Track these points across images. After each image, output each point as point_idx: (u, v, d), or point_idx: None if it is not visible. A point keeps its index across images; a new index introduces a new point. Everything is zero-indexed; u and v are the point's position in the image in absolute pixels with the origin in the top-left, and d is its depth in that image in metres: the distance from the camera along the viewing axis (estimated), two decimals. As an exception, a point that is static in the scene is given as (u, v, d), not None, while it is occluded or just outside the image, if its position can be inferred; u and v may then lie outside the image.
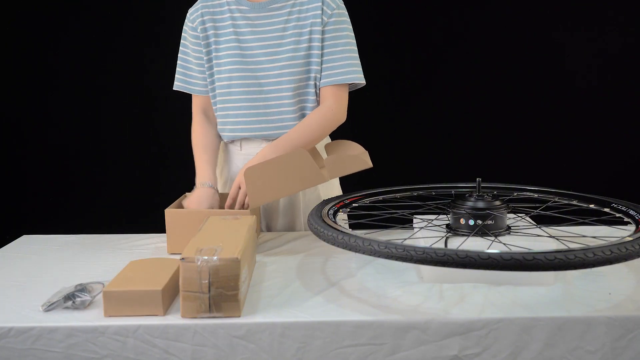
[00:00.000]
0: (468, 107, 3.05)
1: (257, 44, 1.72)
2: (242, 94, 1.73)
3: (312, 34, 1.71)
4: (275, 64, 1.71)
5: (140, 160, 3.09)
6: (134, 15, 3.00)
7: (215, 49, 1.76)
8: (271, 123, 1.74)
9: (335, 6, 1.72)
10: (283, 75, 1.71)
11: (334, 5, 1.72)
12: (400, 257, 1.11)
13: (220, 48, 1.75)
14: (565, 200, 1.56)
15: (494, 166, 2.66)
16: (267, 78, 1.72)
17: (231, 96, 1.75)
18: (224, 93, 1.76)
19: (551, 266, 1.04)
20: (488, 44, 3.02)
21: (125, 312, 1.17)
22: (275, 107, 1.73)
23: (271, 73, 1.71)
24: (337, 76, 1.72)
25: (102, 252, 1.60)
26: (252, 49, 1.72)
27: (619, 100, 3.04)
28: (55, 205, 3.14)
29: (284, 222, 1.85)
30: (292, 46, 1.71)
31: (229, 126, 1.78)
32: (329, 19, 1.71)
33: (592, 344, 1.14)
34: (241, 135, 1.77)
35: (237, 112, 1.75)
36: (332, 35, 1.72)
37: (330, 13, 1.71)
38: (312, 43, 1.71)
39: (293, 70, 1.71)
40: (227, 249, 1.18)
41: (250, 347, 1.15)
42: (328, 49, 1.72)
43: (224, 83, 1.75)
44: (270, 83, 1.72)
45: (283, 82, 1.71)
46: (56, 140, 3.11)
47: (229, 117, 1.77)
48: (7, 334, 1.14)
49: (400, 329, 1.14)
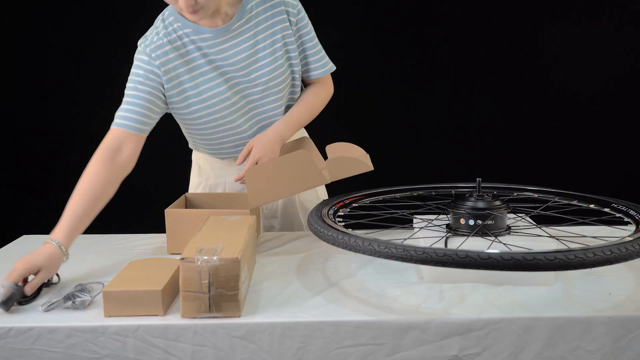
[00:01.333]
0: (468, 107, 3.05)
1: (233, 68, 1.64)
2: (237, 119, 1.68)
3: (285, 38, 1.68)
4: (258, 81, 1.66)
5: (140, 160, 3.09)
6: (131, 14, 3.00)
7: (194, 85, 1.62)
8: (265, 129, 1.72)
9: (295, 3, 1.70)
10: (269, 88, 1.68)
11: (294, 2, 1.70)
12: (400, 257, 1.11)
13: (200, 82, 1.63)
14: (565, 200, 1.56)
15: (494, 166, 2.66)
16: (254, 95, 1.68)
17: (227, 125, 1.69)
18: (220, 124, 1.68)
19: (551, 266, 1.04)
20: (488, 44, 3.01)
21: (125, 312, 1.17)
22: (269, 118, 1.72)
23: (256, 89, 1.67)
24: (323, 67, 1.76)
25: (102, 252, 1.60)
26: (230, 72, 1.64)
27: (619, 100, 3.04)
28: (55, 205, 3.13)
29: (283, 222, 1.85)
30: (269, 58, 1.66)
31: (226, 150, 1.76)
32: (296, 18, 1.69)
33: (592, 344, 1.14)
34: (238, 152, 1.74)
35: (236, 137, 1.72)
36: (305, 32, 1.72)
37: (295, 12, 1.69)
38: (288, 47, 1.69)
39: (278, 80, 1.68)
40: (227, 249, 1.18)
41: (250, 347, 1.15)
42: (307, 45, 1.73)
43: (217, 116, 1.66)
44: (258, 98, 1.68)
45: (271, 94, 1.69)
46: (56, 140, 3.10)
47: (226, 143, 1.73)
48: (7, 334, 1.14)
49: (400, 329, 1.14)
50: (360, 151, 1.65)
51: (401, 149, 3.05)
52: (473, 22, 3.02)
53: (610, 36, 2.99)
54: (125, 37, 3.01)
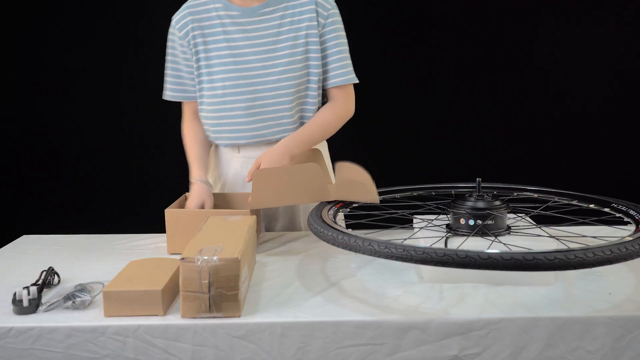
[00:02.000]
0: (468, 107, 3.05)
1: (250, 50, 1.68)
2: (239, 102, 1.70)
3: (308, 37, 1.69)
4: (272, 70, 1.68)
5: (141, 159, 3.09)
6: (129, 14, 3.00)
7: (206, 57, 1.71)
8: (270, 129, 1.73)
9: (330, 7, 1.71)
10: (281, 80, 1.69)
11: (328, 6, 1.71)
12: (400, 257, 1.11)
13: (211, 56, 1.70)
14: (565, 200, 1.56)
15: (494, 166, 2.66)
16: (264, 84, 1.69)
17: (226, 105, 1.71)
18: (218, 102, 1.72)
19: (551, 266, 1.04)
20: (488, 44, 3.01)
21: (125, 312, 1.17)
22: (274, 112, 1.71)
23: (268, 79, 1.68)
24: (344, 76, 1.73)
25: (102, 252, 1.60)
26: (246, 55, 1.68)
27: (619, 100, 3.04)
28: (55, 205, 3.14)
29: (283, 222, 1.85)
30: (288, 51, 1.68)
31: (226, 134, 1.75)
32: (326, 20, 1.70)
33: (592, 344, 1.14)
34: (240, 142, 1.76)
35: (234, 120, 1.72)
36: (332, 36, 1.71)
37: (326, 14, 1.70)
38: (309, 47, 1.70)
39: (291, 75, 1.69)
40: (227, 249, 1.18)
41: (250, 347, 1.15)
42: (331, 50, 1.72)
43: (218, 92, 1.71)
44: (267, 89, 1.69)
45: (281, 87, 1.69)
46: (56, 140, 3.10)
47: (225, 125, 1.74)
48: (7, 334, 1.14)
49: (400, 329, 1.14)
50: (367, 178, 1.59)
51: (401, 149, 3.05)
52: (473, 22, 3.02)
53: (611, 36, 2.99)
54: (125, 37, 3.03)
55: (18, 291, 1.20)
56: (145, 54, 3.01)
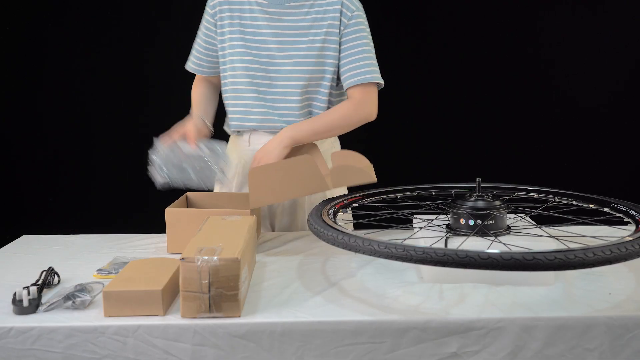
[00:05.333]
0: (468, 107, 3.05)
1: (273, 39, 1.74)
2: (250, 84, 1.76)
3: (327, 35, 1.73)
4: (289, 60, 1.73)
5: (141, 159, 3.08)
6: (126, 13, 3.00)
7: (230, 38, 1.77)
8: (277, 117, 1.76)
9: (354, 8, 1.75)
10: (294, 72, 1.73)
11: (353, 7, 1.74)
12: (400, 257, 1.11)
13: (235, 37, 1.76)
14: (565, 200, 1.56)
15: (494, 166, 2.66)
16: (277, 72, 1.74)
17: (239, 86, 1.78)
18: (232, 82, 1.79)
19: (551, 266, 1.04)
20: (489, 44, 3.01)
21: (125, 312, 1.17)
22: (282, 102, 1.75)
23: (283, 68, 1.73)
24: (360, 75, 1.74)
25: (103, 252, 1.60)
26: (267, 42, 1.74)
27: (619, 100, 3.04)
28: (55, 205, 3.14)
29: (286, 221, 1.85)
30: (307, 44, 1.73)
31: (237, 115, 1.80)
32: (349, 20, 1.73)
33: (591, 343, 1.14)
34: (248, 126, 1.79)
35: (245, 102, 1.78)
36: (353, 37, 1.74)
37: (350, 15, 1.73)
38: (326, 44, 1.73)
39: (305, 68, 1.73)
40: (227, 249, 1.18)
41: (250, 347, 1.15)
42: (351, 50, 1.74)
43: (235, 72, 1.77)
44: (280, 78, 1.74)
45: (293, 78, 1.73)
46: (56, 140, 3.10)
47: (237, 106, 1.79)
48: (7, 334, 1.14)
49: (400, 329, 1.14)
50: (364, 161, 1.63)
51: (401, 149, 3.05)
52: (473, 22, 3.02)
53: (611, 36, 2.99)
54: (125, 37, 3.03)
55: (18, 291, 1.20)
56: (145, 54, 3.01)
